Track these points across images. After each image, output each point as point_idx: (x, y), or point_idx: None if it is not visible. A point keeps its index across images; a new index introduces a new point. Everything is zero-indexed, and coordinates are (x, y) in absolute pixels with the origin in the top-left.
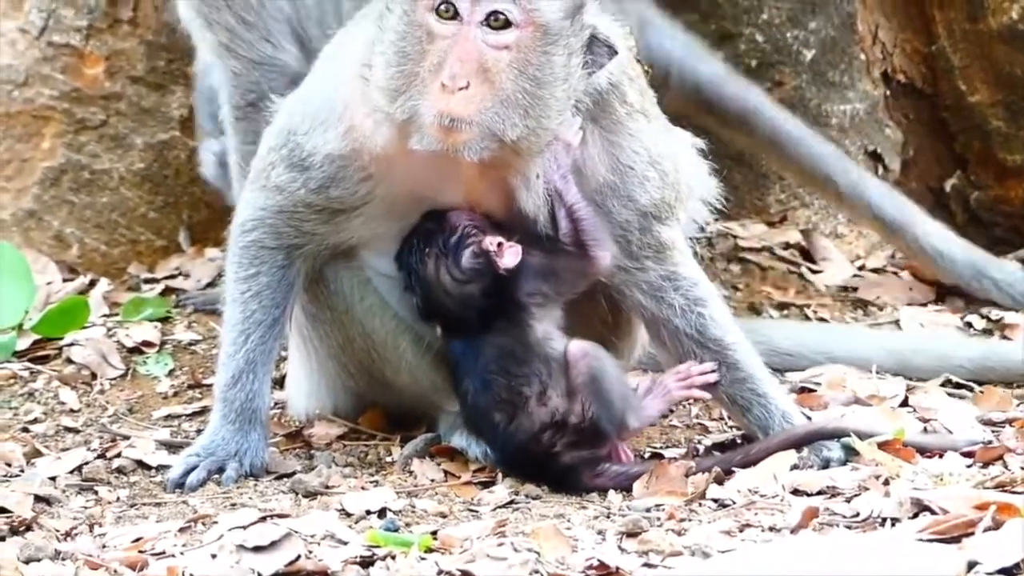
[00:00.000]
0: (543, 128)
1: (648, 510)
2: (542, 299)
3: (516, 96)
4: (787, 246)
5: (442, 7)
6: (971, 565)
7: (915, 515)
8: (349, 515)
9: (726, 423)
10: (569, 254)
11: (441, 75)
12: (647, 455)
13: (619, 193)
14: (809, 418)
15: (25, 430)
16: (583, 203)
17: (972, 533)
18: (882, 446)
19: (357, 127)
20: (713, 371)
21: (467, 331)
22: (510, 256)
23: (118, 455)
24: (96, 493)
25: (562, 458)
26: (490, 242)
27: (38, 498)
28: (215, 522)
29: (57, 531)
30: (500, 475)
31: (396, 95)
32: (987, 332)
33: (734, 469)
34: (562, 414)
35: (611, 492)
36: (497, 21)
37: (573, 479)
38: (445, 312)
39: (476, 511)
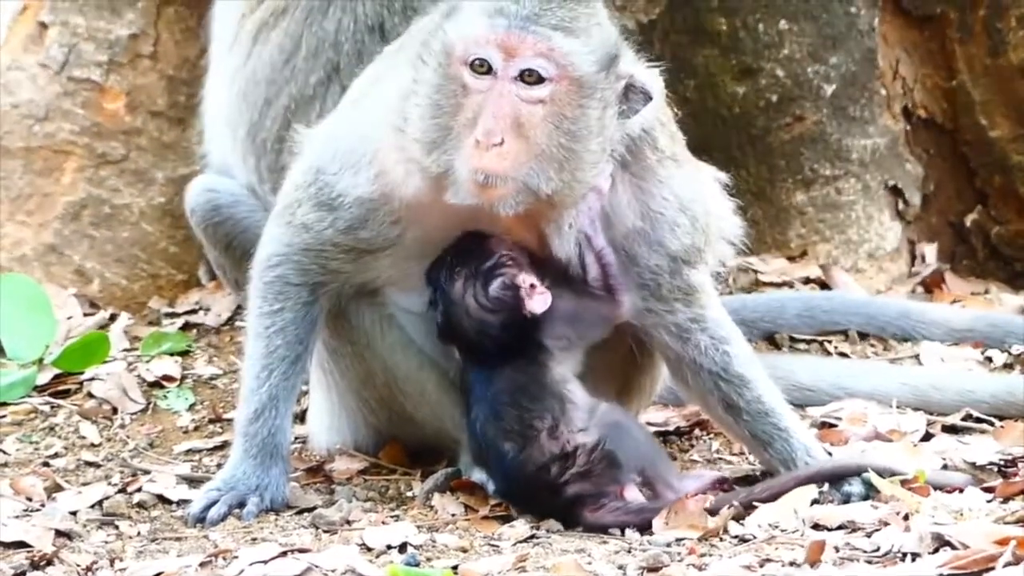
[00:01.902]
0: (578, 181)
1: (668, 545)
2: (566, 343)
3: (552, 150)
4: (807, 281)
5: (476, 62)
6: None
7: (935, 550)
8: (370, 550)
9: (746, 458)
10: (596, 298)
11: (476, 131)
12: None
13: (649, 239)
14: (830, 453)
15: (46, 464)
16: (609, 248)
17: (992, 568)
18: (902, 483)
19: (388, 172)
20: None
21: (482, 358)
22: (539, 301)
23: (139, 490)
24: (117, 528)
25: (567, 489)
26: (523, 280)
27: (59, 533)
28: (236, 556)
29: (78, 566)
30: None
31: (431, 148)
32: (1008, 367)
33: (755, 504)
34: (573, 447)
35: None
36: (532, 76)
37: (574, 512)
38: (462, 334)
39: (497, 546)
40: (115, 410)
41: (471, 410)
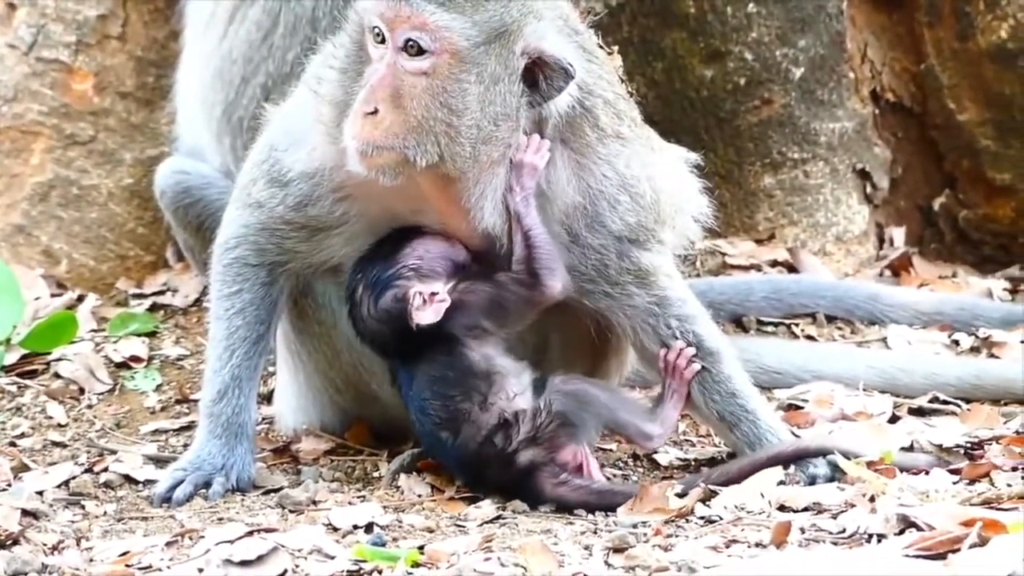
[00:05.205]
0: (459, 156)
1: (635, 526)
2: (480, 332)
3: (429, 123)
4: (775, 264)
5: (375, 30)
6: None
7: (901, 531)
8: (336, 530)
9: (712, 440)
10: (519, 281)
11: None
12: (632, 476)
13: (589, 217)
14: (797, 435)
15: (12, 444)
16: (540, 229)
17: (958, 549)
18: (868, 465)
19: (323, 145)
20: (691, 359)
21: (401, 358)
22: (429, 313)
23: (105, 469)
24: (83, 507)
25: (519, 457)
26: (418, 291)
27: (25, 512)
28: (202, 536)
29: (44, 545)
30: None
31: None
32: (974, 350)
33: (718, 488)
34: (512, 412)
35: None
36: (413, 48)
37: (532, 483)
38: (369, 337)
39: (463, 526)
40: (82, 390)
41: (407, 410)
